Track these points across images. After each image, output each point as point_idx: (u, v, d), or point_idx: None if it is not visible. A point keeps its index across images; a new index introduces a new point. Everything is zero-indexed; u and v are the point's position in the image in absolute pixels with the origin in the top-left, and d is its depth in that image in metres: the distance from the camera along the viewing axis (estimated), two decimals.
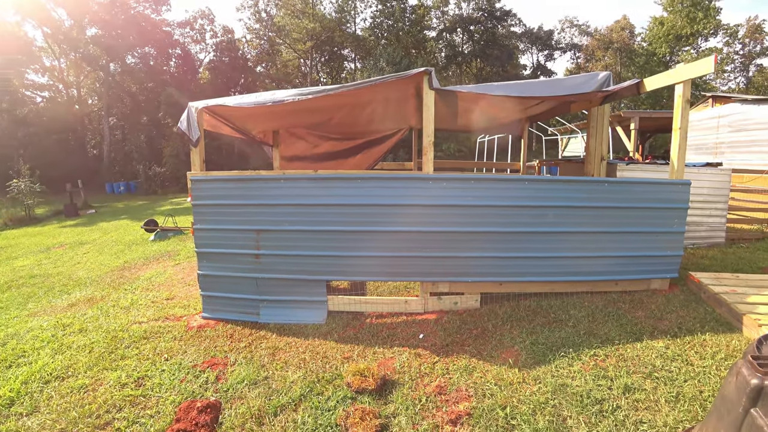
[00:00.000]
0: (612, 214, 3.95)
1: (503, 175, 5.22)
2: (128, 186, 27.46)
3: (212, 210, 4.05)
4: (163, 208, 17.44)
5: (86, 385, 3.10)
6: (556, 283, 4.04)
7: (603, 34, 44.83)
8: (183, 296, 5.01)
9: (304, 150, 6.79)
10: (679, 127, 3.95)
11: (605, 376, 2.72)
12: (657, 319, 3.52)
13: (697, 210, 5.94)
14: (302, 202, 3.86)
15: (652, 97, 35.61)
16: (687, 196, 4.03)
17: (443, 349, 3.26)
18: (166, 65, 35.27)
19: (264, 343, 3.56)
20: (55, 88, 34.89)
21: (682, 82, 3.91)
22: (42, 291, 6.10)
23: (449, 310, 3.98)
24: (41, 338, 4.06)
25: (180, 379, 3.09)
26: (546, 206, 3.85)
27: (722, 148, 11.43)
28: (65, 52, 33.32)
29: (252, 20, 39.58)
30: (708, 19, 37.49)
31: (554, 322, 3.55)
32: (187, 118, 4.08)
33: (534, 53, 46.58)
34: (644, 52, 41.51)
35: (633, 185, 4.10)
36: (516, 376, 2.79)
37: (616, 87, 4.43)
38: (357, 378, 2.74)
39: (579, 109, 5.94)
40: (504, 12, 41.92)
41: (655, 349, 3.02)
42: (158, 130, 31.65)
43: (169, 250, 7.97)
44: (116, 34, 31.21)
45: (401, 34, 38.55)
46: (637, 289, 4.13)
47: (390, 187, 3.79)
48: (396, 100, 4.97)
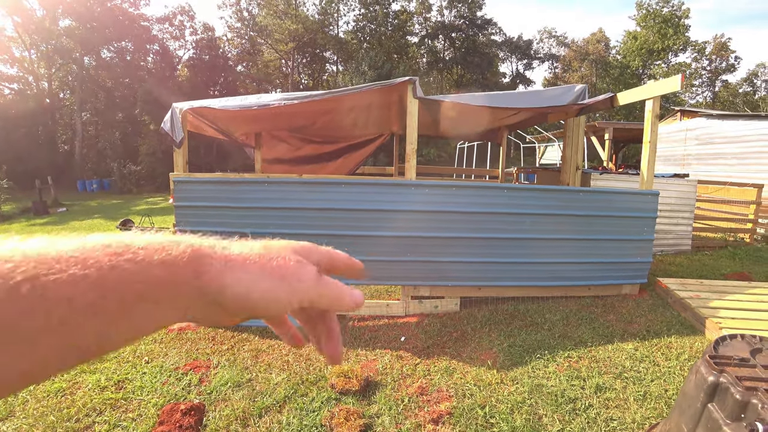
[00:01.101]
0: (586, 222, 4.14)
1: (483, 183, 5.37)
2: (101, 184, 26.59)
3: (195, 212, 4.02)
4: (139, 208, 17.01)
5: (63, 389, 3.04)
6: (533, 287, 4.19)
7: (580, 46, 46.29)
8: None
9: (285, 152, 6.80)
10: (649, 141, 4.18)
11: (578, 377, 2.86)
12: (627, 323, 3.70)
13: (665, 219, 6.25)
14: (287, 206, 3.89)
15: (625, 108, 36.89)
16: (656, 205, 4.26)
17: (424, 351, 3.34)
18: (144, 61, 34.39)
19: (246, 346, 3.57)
20: (24, 80, 33.48)
21: (652, 98, 4.14)
22: None
23: (430, 313, 4.08)
24: None
25: (162, 381, 3.07)
26: (523, 213, 4.00)
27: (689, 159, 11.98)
28: (36, 43, 32.07)
29: (233, 19, 39.09)
30: (678, 35, 39.24)
31: (531, 325, 3.69)
32: (171, 119, 4.05)
33: (513, 62, 47.64)
34: (619, 64, 43.04)
35: (606, 194, 4.31)
36: (494, 377, 2.90)
37: (592, 100, 4.64)
38: (341, 379, 2.80)
39: (556, 119, 6.17)
40: (485, 20, 42.72)
41: (625, 351, 3.18)
42: (134, 128, 30.82)
43: None
44: (91, 27, 30.26)
45: (384, 38, 38.79)
46: (609, 294, 4.33)
47: (373, 192, 3.87)
48: (379, 107, 5.06)
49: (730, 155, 10.54)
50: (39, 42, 31.72)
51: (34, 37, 31.48)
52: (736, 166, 10.30)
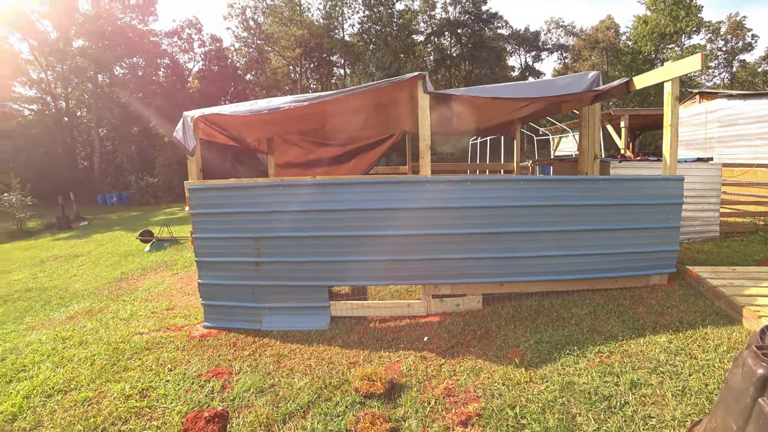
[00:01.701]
0: (608, 212, 4.00)
1: (499, 177, 5.27)
2: (120, 197, 27.22)
3: (211, 218, 4.03)
4: (157, 218, 17.30)
5: (90, 398, 3.07)
6: (557, 281, 4.07)
7: (589, 34, 45.47)
8: (183, 306, 4.98)
9: (298, 156, 6.79)
10: (670, 124, 4.02)
11: (611, 373, 2.75)
12: (658, 314, 3.56)
13: (691, 205, 6.03)
14: (301, 208, 3.86)
15: (639, 95, 36.12)
16: (681, 191, 4.09)
17: (448, 351, 3.27)
18: (155, 75, 35.04)
19: (268, 351, 3.55)
20: (42, 101, 34.52)
21: (671, 80, 3.98)
22: (39, 304, 6.02)
23: (452, 311, 4.00)
24: (41, 352, 4.01)
25: (185, 389, 3.06)
26: (542, 206, 3.89)
27: (711, 143, 11.61)
28: (52, 65, 33.03)
29: (240, 29, 39.54)
30: (690, 17, 38.19)
31: (557, 321, 3.58)
32: (182, 128, 4.06)
33: (522, 54, 47.12)
34: (630, 50, 42.14)
35: (628, 182, 4.15)
36: (523, 376, 2.81)
37: (606, 86, 4.50)
38: (365, 383, 2.74)
39: (570, 109, 6.02)
40: (490, 14, 42.35)
41: (659, 344, 3.05)
42: (149, 141, 31.45)
43: (165, 260, 7.91)
44: (103, 46, 30.97)
45: (389, 39, 38.73)
46: (636, 286, 4.18)
47: (388, 191, 3.81)
48: (389, 105, 5.00)
49: (755, 136, 10.16)
50: (55, 63, 32.66)
51: (49, 58, 32.41)
52: (761, 147, 9.92)
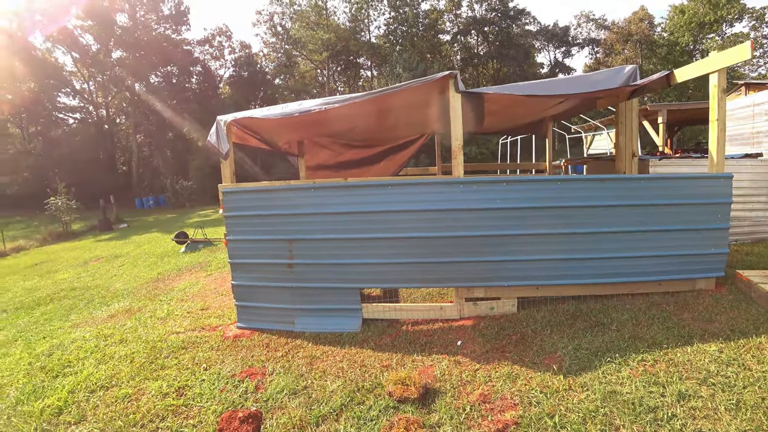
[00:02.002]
0: (650, 212, 3.82)
1: (534, 177, 5.13)
2: (157, 200, 28.35)
3: (244, 221, 4.11)
4: (191, 221, 17.89)
5: (130, 394, 3.18)
6: (595, 285, 3.92)
7: (621, 27, 43.82)
8: (217, 306, 5.10)
9: (328, 158, 6.84)
10: (717, 119, 3.79)
11: (656, 383, 2.61)
12: (706, 321, 3.36)
13: (739, 204, 5.69)
14: (333, 211, 3.88)
15: (676, 88, 34.51)
16: (729, 190, 3.85)
17: (483, 356, 3.19)
18: (188, 82, 36.38)
19: (301, 353, 3.57)
20: (85, 110, 36.49)
21: (717, 71, 3.74)
22: (83, 303, 6.32)
23: (486, 315, 3.91)
24: (85, 348, 4.20)
25: (220, 388, 3.12)
26: (580, 206, 3.75)
27: (760, 137, 10.92)
28: (93, 75, 34.86)
29: (268, 34, 40.44)
30: (732, 4, 36.13)
31: (596, 326, 3.44)
32: (216, 132, 4.16)
33: (551, 51, 45.95)
34: (666, 42, 40.35)
35: (670, 181, 3.95)
36: (562, 383, 2.71)
37: (645, 80, 4.29)
38: (398, 387, 2.71)
39: (605, 105, 5.79)
40: (518, 11, 41.53)
41: (708, 353, 2.87)
42: (184, 145, 32.62)
43: (200, 261, 8.15)
44: (140, 56, 32.44)
45: (416, 39, 38.62)
46: (681, 290, 3.96)
47: (420, 192, 3.78)
48: (419, 105, 4.96)
49: None
50: (96, 74, 34.42)
51: (91, 70, 34.24)
52: None
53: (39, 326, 5.43)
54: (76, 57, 33.58)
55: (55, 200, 17.83)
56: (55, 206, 17.73)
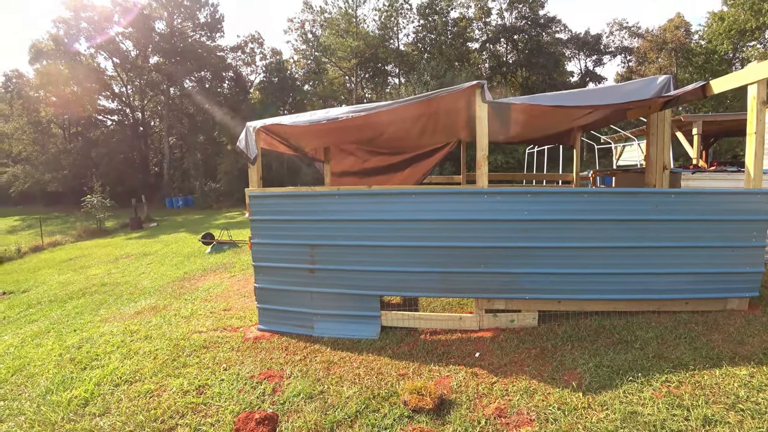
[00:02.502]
0: (680, 228, 3.69)
1: (561, 188, 5.04)
2: (186, 200, 29.27)
3: (269, 225, 4.20)
4: (218, 222, 18.36)
5: (152, 390, 3.29)
6: (619, 301, 3.81)
7: (655, 35, 42.52)
8: (239, 308, 5.22)
9: (353, 165, 6.92)
10: (755, 132, 3.64)
11: (680, 405, 2.51)
12: (737, 344, 3.21)
13: None
14: (357, 218, 3.92)
15: (713, 98, 33.20)
16: (767, 206, 3.69)
17: (501, 369, 3.15)
18: (220, 87, 37.54)
19: (319, 357, 3.62)
20: (122, 112, 38.22)
21: (756, 82, 3.60)
22: (112, 298, 6.58)
23: (505, 327, 3.86)
24: (112, 343, 4.37)
25: (238, 389, 3.19)
26: (606, 220, 3.67)
27: None
28: (131, 80, 36.50)
29: (299, 41, 41.33)
30: None
31: (619, 344, 3.34)
32: (245, 137, 4.28)
33: (581, 59, 45.05)
34: (703, 50, 38.86)
35: (703, 196, 3.83)
36: (580, 401, 2.64)
37: (679, 91, 4.16)
38: (414, 396, 2.71)
39: (637, 116, 5.65)
40: (548, 19, 40.99)
41: (738, 377, 2.75)
42: (213, 148, 33.64)
43: (224, 263, 8.35)
44: (175, 61, 33.73)
45: (444, 47, 38.64)
46: (711, 309, 3.81)
47: (444, 201, 3.78)
48: (446, 114, 4.97)
49: None
50: (134, 78, 35.99)
51: (129, 74, 35.85)
52: None
53: (70, 319, 5.69)
54: (116, 62, 35.27)
55: (91, 198, 18.66)
56: (91, 204, 18.56)
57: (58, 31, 32.43)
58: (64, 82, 32.14)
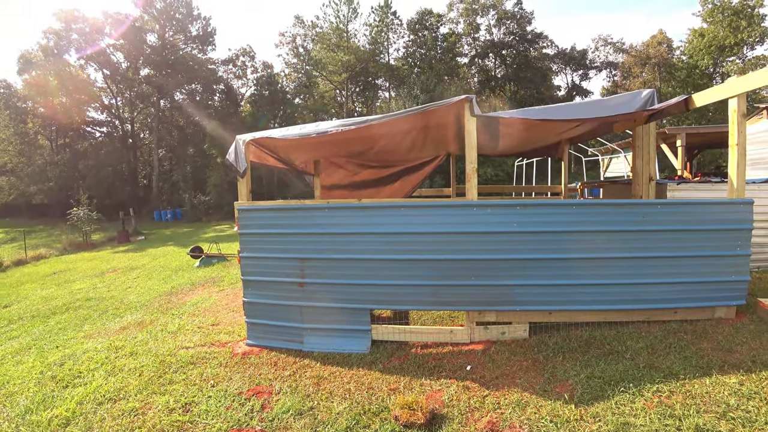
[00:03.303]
0: (667, 238, 3.74)
1: (550, 200, 5.09)
2: (175, 213, 28.96)
3: (258, 239, 4.16)
4: (207, 235, 18.15)
5: (136, 408, 3.19)
6: (609, 312, 3.83)
7: (639, 50, 43.75)
8: (228, 322, 5.13)
9: (343, 178, 6.92)
10: (737, 143, 3.73)
11: (672, 415, 2.51)
12: (726, 352, 3.24)
13: (761, 230, 5.51)
14: (347, 231, 3.90)
15: (696, 111, 34.06)
16: (750, 215, 3.76)
17: (493, 382, 3.13)
18: (211, 100, 37.52)
19: (308, 372, 3.56)
20: (111, 124, 37.93)
21: (737, 96, 3.70)
22: (97, 314, 6.42)
23: (496, 340, 3.84)
24: (95, 360, 4.25)
25: (226, 406, 3.12)
26: (595, 231, 3.71)
27: None
28: (121, 91, 36.33)
29: (290, 55, 41.59)
30: (752, 27, 35.70)
31: (610, 354, 3.34)
32: (235, 150, 4.26)
33: (568, 74, 46.11)
34: (685, 65, 40.03)
35: (689, 206, 3.89)
36: (573, 413, 2.63)
37: (663, 105, 4.27)
38: (405, 411, 2.67)
39: (623, 129, 5.76)
40: (535, 35, 42.00)
41: (728, 386, 2.76)
42: (203, 161, 33.44)
43: (213, 276, 8.24)
44: (166, 74, 33.72)
45: (434, 62, 39.25)
46: (699, 318, 3.84)
47: (434, 214, 3.78)
48: (435, 127, 5.01)
49: None
50: (124, 90, 35.86)
51: (120, 86, 35.69)
52: None
53: (53, 335, 5.54)
54: (106, 74, 35.14)
55: (77, 210, 18.35)
56: (77, 216, 18.24)
57: (48, 42, 32.27)
58: (53, 93, 31.88)
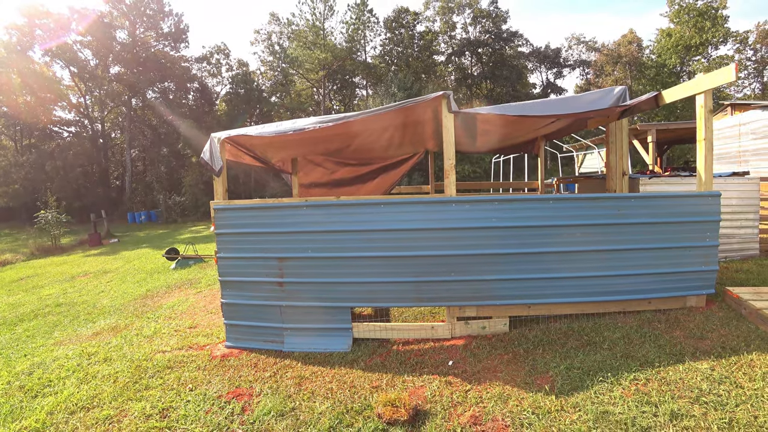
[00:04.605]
0: (640, 230, 3.85)
1: (527, 195, 5.14)
2: (149, 215, 28.12)
3: (235, 238, 4.07)
4: (183, 237, 17.72)
5: (111, 416, 3.08)
6: (586, 303, 3.91)
7: (611, 49, 44.95)
8: (206, 325, 5.01)
9: (321, 176, 6.85)
10: (704, 138, 3.86)
11: (649, 402, 2.58)
12: (697, 339, 3.36)
13: (727, 222, 5.75)
14: (325, 229, 3.86)
15: (666, 108, 35.26)
16: (718, 208, 3.90)
17: (475, 376, 3.15)
18: (185, 98, 36.60)
19: (289, 373, 3.50)
20: (80, 124, 36.49)
21: (703, 92, 3.83)
22: (67, 319, 6.17)
23: (477, 334, 3.87)
24: (67, 367, 4.08)
25: (205, 410, 3.04)
26: (572, 225, 3.78)
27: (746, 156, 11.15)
28: (90, 90, 35.02)
29: (266, 53, 40.92)
30: (716, 27, 37.24)
31: (588, 345, 3.41)
32: (209, 149, 4.15)
33: (543, 72, 46.97)
34: (654, 64, 41.34)
35: (660, 199, 3.99)
36: (553, 404, 2.67)
37: (634, 101, 4.38)
38: (388, 408, 2.66)
39: (596, 124, 5.89)
40: (511, 33, 42.54)
41: (700, 371, 2.86)
42: (178, 161, 32.61)
43: (190, 278, 8.04)
44: (138, 71, 32.68)
45: (411, 60, 39.31)
46: (672, 308, 3.97)
47: (413, 211, 3.77)
48: (413, 124, 5.01)
49: None
50: (93, 88, 34.58)
51: (88, 84, 34.39)
52: None
53: (20, 343, 5.29)
54: (74, 71, 33.74)
55: (45, 213, 17.62)
56: (45, 219, 17.51)
57: (10, 38, 30.79)
58: (16, 92, 30.46)
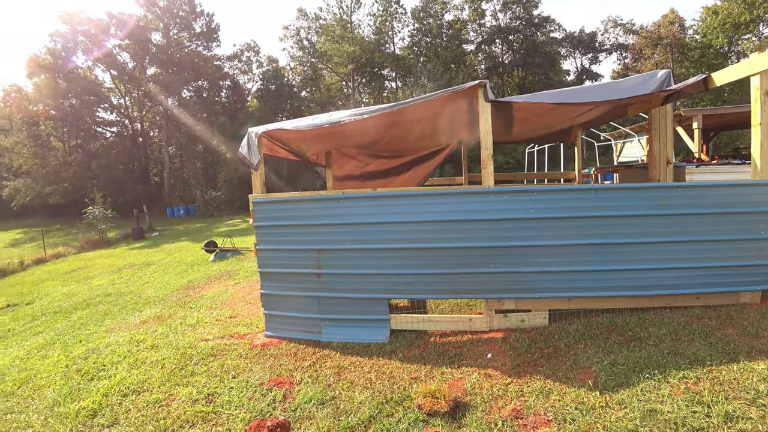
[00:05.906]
0: (688, 222, 3.66)
1: (567, 186, 5.00)
2: (187, 210, 29.27)
3: (274, 231, 4.17)
4: (220, 230, 18.33)
5: (160, 399, 3.25)
6: (630, 298, 3.77)
7: (650, 31, 42.61)
8: (245, 315, 5.18)
9: (354, 169, 6.90)
10: (759, 123, 3.61)
11: (700, 402, 2.47)
12: (753, 338, 3.17)
13: None
14: (362, 221, 3.89)
15: (712, 92, 33.23)
16: None
17: (514, 370, 3.11)
18: (218, 96, 37.65)
19: (328, 362, 3.58)
20: (121, 124, 38.32)
21: (759, 73, 3.57)
22: (116, 308, 6.54)
23: (516, 328, 3.82)
24: (118, 353, 4.33)
25: (248, 396, 3.15)
26: (614, 216, 3.64)
27: None
28: (129, 91, 36.64)
29: (295, 48, 41.38)
30: None
31: (632, 341, 3.30)
32: (247, 143, 4.26)
33: (577, 57, 45.18)
34: (698, 45, 38.90)
35: (710, 189, 3.79)
36: (597, 400, 2.60)
37: (680, 85, 4.14)
38: (428, 399, 2.67)
39: (637, 111, 5.64)
40: (542, 18, 41.13)
41: (756, 372, 2.71)
42: (213, 157, 33.66)
43: (228, 270, 8.32)
44: (173, 72, 33.86)
45: (440, 50, 38.77)
46: (723, 304, 3.77)
47: (450, 202, 3.75)
48: (447, 115, 4.95)
49: None
50: (131, 89, 36.15)
51: (127, 86, 36.01)
52: None
53: (76, 330, 5.66)
54: (114, 74, 35.43)
55: (92, 209, 18.66)
56: (93, 215, 18.55)
57: (55, 45, 32.56)
58: (63, 96, 32.25)
